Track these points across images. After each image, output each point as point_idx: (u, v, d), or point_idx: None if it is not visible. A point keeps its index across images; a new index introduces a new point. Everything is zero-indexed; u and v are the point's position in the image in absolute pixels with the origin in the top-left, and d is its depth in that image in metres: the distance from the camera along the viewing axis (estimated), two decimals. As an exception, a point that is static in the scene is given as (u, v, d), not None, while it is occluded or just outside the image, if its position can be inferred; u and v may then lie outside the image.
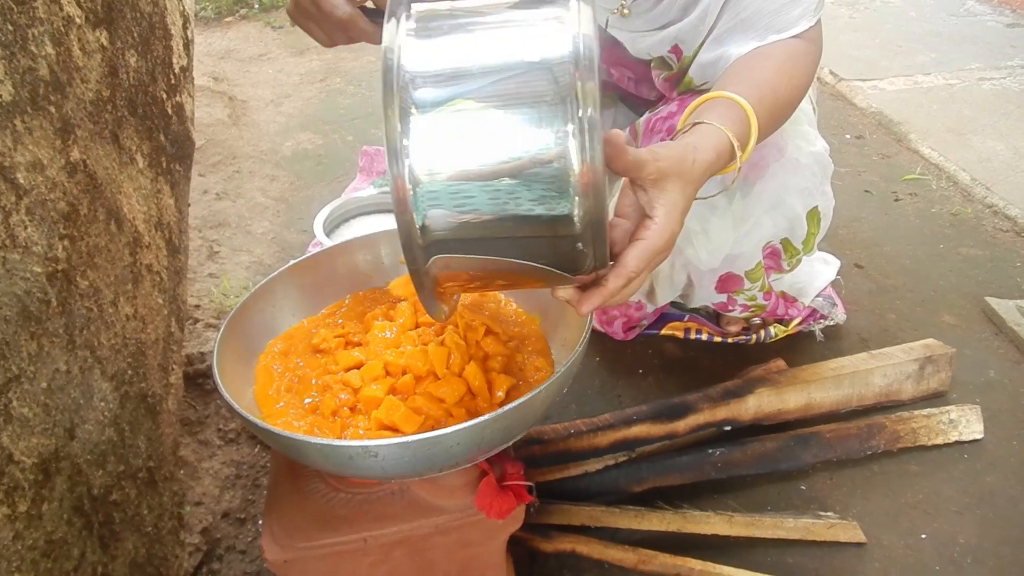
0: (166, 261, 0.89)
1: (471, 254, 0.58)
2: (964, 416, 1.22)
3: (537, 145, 0.53)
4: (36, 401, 0.57)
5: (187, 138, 1.01)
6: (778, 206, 1.06)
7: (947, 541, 1.06)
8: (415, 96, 0.54)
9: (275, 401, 0.79)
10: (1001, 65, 2.59)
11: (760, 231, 1.08)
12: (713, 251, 1.11)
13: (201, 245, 1.72)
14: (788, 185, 1.05)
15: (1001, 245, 1.71)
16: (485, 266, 0.60)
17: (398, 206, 0.55)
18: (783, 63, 0.86)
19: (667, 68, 1.10)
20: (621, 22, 1.09)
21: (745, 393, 1.16)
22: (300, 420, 0.76)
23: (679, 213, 0.65)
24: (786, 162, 1.04)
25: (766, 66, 0.86)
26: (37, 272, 0.58)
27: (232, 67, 2.76)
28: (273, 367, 0.83)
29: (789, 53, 0.87)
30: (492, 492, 0.77)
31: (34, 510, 0.56)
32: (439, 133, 0.54)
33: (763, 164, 1.04)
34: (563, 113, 0.53)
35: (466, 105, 0.54)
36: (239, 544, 1.08)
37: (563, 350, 0.86)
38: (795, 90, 0.85)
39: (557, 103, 0.53)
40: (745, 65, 0.87)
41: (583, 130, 0.52)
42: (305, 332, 0.89)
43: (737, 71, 0.87)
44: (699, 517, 1.05)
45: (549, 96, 0.53)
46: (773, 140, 1.04)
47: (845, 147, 2.17)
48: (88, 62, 0.70)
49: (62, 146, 0.63)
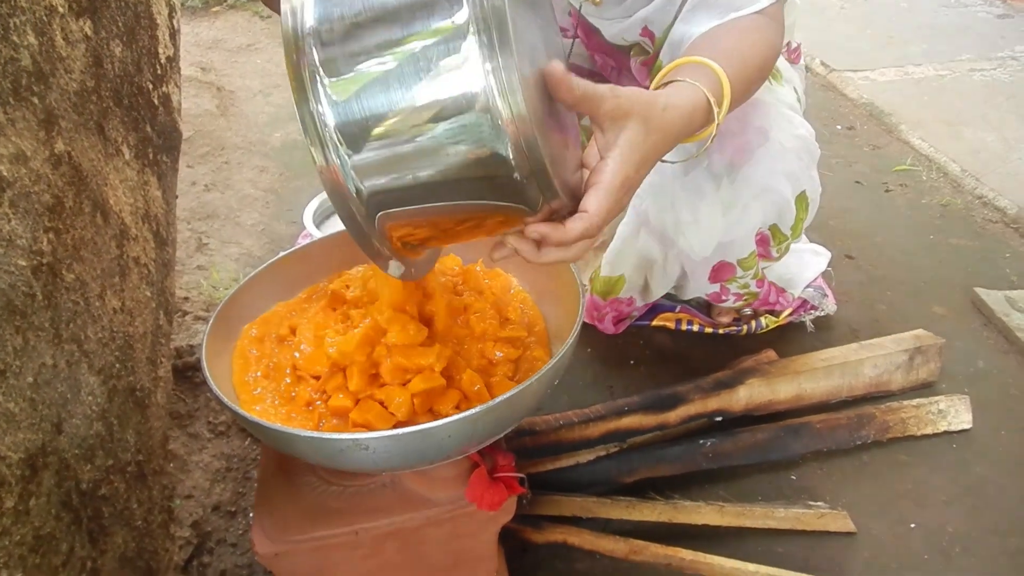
0: (154, 254, 0.89)
1: (414, 204, 0.56)
2: (953, 406, 1.23)
3: (444, 82, 0.50)
4: (22, 396, 0.57)
5: (174, 129, 1.00)
6: (766, 191, 1.06)
7: (936, 530, 1.07)
8: (320, 57, 0.52)
9: (252, 387, 0.78)
10: (992, 56, 2.59)
11: (750, 217, 1.08)
12: (705, 239, 1.11)
13: (190, 237, 1.71)
14: (775, 169, 1.05)
15: (990, 236, 1.71)
16: (431, 214, 0.58)
17: (326, 175, 0.54)
18: (744, 33, 0.85)
19: (644, 53, 1.10)
20: (594, 10, 1.09)
21: (736, 384, 1.16)
22: (277, 409, 0.75)
23: (638, 156, 0.62)
24: (771, 146, 1.04)
25: (730, 36, 0.85)
26: (22, 265, 0.57)
27: (220, 57, 2.73)
28: (250, 352, 0.82)
29: (750, 25, 0.86)
30: (483, 484, 0.76)
31: (21, 506, 0.56)
32: (350, 91, 0.52)
33: (749, 149, 1.04)
34: (464, 37, 0.49)
35: (371, 54, 0.52)
36: (230, 537, 1.07)
37: (555, 341, 0.86)
38: (760, 58, 0.84)
39: (457, 30, 0.50)
40: (708, 37, 0.87)
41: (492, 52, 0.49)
42: (280, 317, 0.88)
43: (700, 43, 0.86)
44: (690, 507, 1.06)
45: (446, 23, 0.50)
46: (758, 124, 1.04)
47: (836, 138, 2.17)
48: (72, 52, 0.69)
49: (46, 137, 0.63)
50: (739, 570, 0.99)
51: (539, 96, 0.56)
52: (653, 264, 1.22)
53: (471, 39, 0.50)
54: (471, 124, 0.51)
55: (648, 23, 1.04)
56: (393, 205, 0.56)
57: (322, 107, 0.53)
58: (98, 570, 0.66)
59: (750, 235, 1.10)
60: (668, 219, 1.13)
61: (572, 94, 0.58)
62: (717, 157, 1.05)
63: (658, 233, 1.17)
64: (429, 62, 0.51)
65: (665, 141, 0.66)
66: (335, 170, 0.54)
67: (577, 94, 0.58)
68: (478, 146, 0.52)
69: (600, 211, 0.60)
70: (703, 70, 0.74)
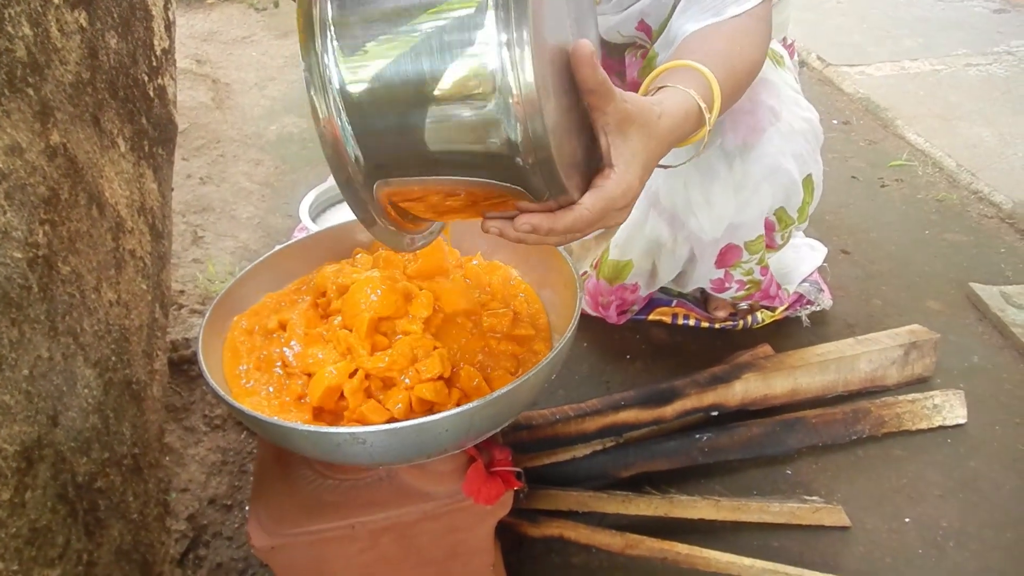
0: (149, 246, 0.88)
1: (415, 176, 0.55)
2: (948, 401, 1.23)
3: (457, 53, 0.49)
4: (18, 388, 0.56)
5: (170, 121, 1.00)
6: (776, 171, 1.07)
7: (930, 525, 1.08)
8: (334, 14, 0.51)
9: (244, 380, 0.78)
10: (988, 51, 2.59)
11: (760, 199, 1.09)
12: (716, 220, 1.12)
13: (185, 230, 1.70)
14: (784, 150, 1.06)
15: (986, 231, 1.72)
16: (432, 188, 0.57)
17: (327, 138, 0.53)
18: (733, 37, 0.86)
19: (641, 50, 1.10)
20: None
21: (732, 378, 1.16)
22: (270, 402, 0.75)
23: (639, 167, 0.62)
24: (781, 126, 1.05)
25: (719, 39, 0.86)
26: (17, 258, 0.57)
27: (215, 50, 2.72)
28: (240, 344, 0.82)
29: (738, 28, 0.87)
30: (480, 478, 0.76)
31: (17, 498, 0.56)
32: (361, 53, 0.51)
33: (760, 128, 1.04)
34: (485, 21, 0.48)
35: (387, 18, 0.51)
36: (226, 530, 1.07)
37: (554, 334, 0.86)
38: (748, 63, 0.85)
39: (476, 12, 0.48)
40: (698, 38, 0.87)
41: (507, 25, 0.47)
42: (269, 309, 0.87)
43: (691, 44, 0.87)
44: (686, 502, 1.06)
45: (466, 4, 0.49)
46: (769, 103, 1.05)
47: (832, 133, 2.17)
48: (67, 43, 0.69)
49: (41, 129, 0.62)
50: (735, 564, 0.99)
51: (558, 78, 0.54)
52: (662, 248, 1.22)
53: (489, 12, 0.48)
54: (479, 100, 0.50)
55: (644, 16, 1.03)
56: (393, 175, 0.55)
57: (328, 63, 0.51)
58: (94, 563, 0.66)
59: (760, 217, 1.11)
60: (679, 200, 1.14)
61: (595, 76, 0.57)
62: (730, 136, 1.05)
63: (668, 214, 1.17)
64: (443, 32, 0.49)
65: (660, 148, 0.66)
66: (335, 128, 0.52)
67: (600, 78, 0.57)
68: (485, 124, 0.50)
69: (594, 210, 0.59)
70: (693, 74, 0.75)
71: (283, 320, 0.83)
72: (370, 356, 0.74)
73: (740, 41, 0.85)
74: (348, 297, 0.79)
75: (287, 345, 0.80)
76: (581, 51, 0.55)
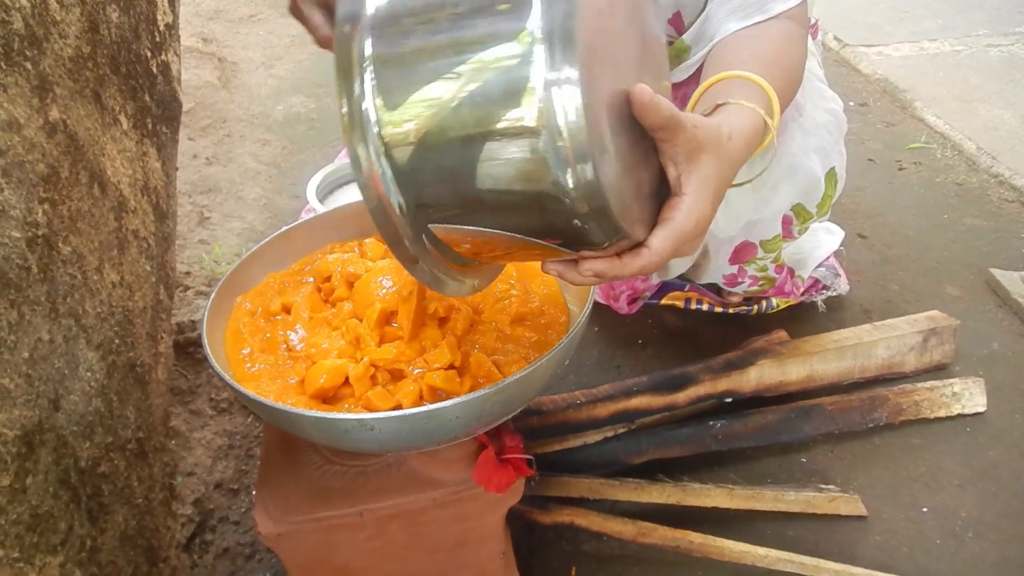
0: (153, 227, 0.86)
1: (462, 225, 0.51)
2: (967, 389, 1.21)
3: (502, 103, 0.45)
4: (18, 371, 0.55)
5: (174, 99, 0.98)
6: (797, 170, 1.04)
7: (948, 514, 1.06)
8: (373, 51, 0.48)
9: (248, 363, 0.76)
10: (1009, 31, 2.54)
11: (778, 198, 1.06)
12: (732, 218, 1.09)
13: (191, 211, 1.69)
14: (807, 146, 1.03)
15: (1006, 216, 1.68)
16: (484, 236, 0.53)
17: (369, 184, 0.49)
18: (780, 43, 0.82)
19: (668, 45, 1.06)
20: None
21: (746, 364, 1.14)
22: (272, 385, 0.73)
23: (711, 194, 0.59)
24: (804, 121, 1.02)
25: (767, 44, 0.82)
26: (16, 237, 0.56)
27: (221, 28, 2.69)
28: (243, 326, 0.80)
29: (783, 34, 0.83)
30: (491, 465, 0.75)
31: (17, 484, 0.55)
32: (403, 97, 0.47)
33: (783, 122, 1.01)
34: (531, 59, 0.44)
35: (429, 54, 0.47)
36: (232, 515, 1.06)
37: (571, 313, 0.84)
38: (795, 70, 0.82)
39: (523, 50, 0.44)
40: (743, 43, 0.84)
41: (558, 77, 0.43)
42: (273, 291, 0.85)
43: (735, 51, 0.83)
44: (699, 490, 1.04)
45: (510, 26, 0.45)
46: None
47: (849, 114, 2.10)
48: (66, 16, 0.67)
49: (40, 105, 0.60)
50: (749, 553, 0.97)
51: (617, 114, 0.50)
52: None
53: (536, 48, 0.44)
54: (527, 143, 0.46)
55: (680, 6, 1.00)
56: (441, 219, 0.51)
57: (367, 105, 0.48)
58: (98, 548, 0.65)
59: (777, 216, 1.09)
60: None
61: (659, 116, 0.52)
62: None
63: None
64: (488, 69, 0.46)
65: (732, 170, 0.63)
66: (375, 178, 0.49)
67: (665, 116, 0.53)
68: (535, 169, 0.46)
69: (663, 251, 0.56)
70: (752, 88, 0.71)
71: (287, 303, 0.82)
72: (378, 347, 0.73)
73: (787, 50, 0.81)
74: (360, 286, 0.77)
75: (292, 329, 0.78)
76: (640, 97, 0.51)
